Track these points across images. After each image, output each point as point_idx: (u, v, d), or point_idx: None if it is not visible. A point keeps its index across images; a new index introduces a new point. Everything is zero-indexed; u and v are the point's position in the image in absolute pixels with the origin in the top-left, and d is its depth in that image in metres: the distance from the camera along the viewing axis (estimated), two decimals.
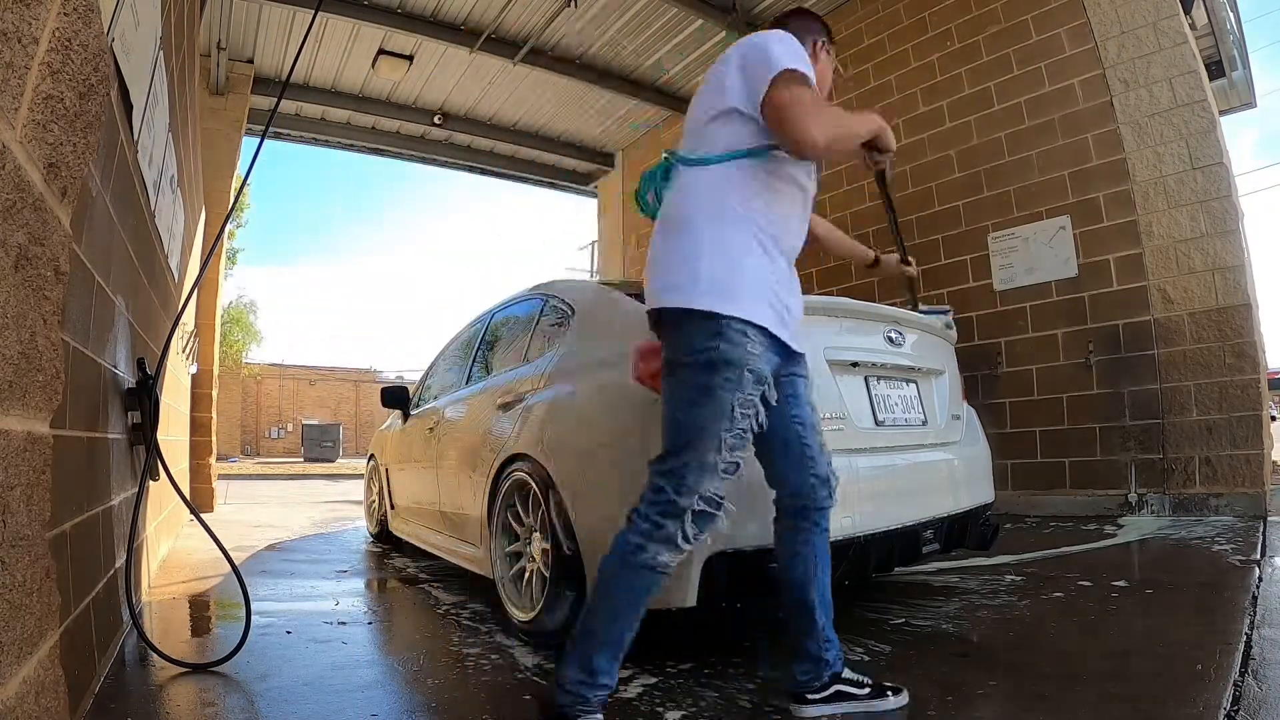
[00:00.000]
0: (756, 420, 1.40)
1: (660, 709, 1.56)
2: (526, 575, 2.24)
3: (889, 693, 1.49)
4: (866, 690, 1.48)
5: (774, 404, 1.46)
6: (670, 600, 1.72)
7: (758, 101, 1.40)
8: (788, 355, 1.50)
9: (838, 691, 1.47)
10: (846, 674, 1.50)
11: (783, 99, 1.35)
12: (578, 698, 1.32)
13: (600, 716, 1.33)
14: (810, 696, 1.47)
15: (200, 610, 2.70)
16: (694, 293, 1.37)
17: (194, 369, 5.46)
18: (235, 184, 6.08)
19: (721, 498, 1.37)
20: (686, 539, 1.34)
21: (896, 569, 2.01)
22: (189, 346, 4.64)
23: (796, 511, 1.52)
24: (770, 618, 1.80)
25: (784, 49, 1.43)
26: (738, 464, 1.38)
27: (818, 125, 1.33)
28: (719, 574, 1.71)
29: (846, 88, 5.96)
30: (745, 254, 1.40)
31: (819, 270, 6.02)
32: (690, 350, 1.37)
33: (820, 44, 1.68)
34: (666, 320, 1.44)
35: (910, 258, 2.24)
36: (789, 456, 1.52)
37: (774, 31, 1.53)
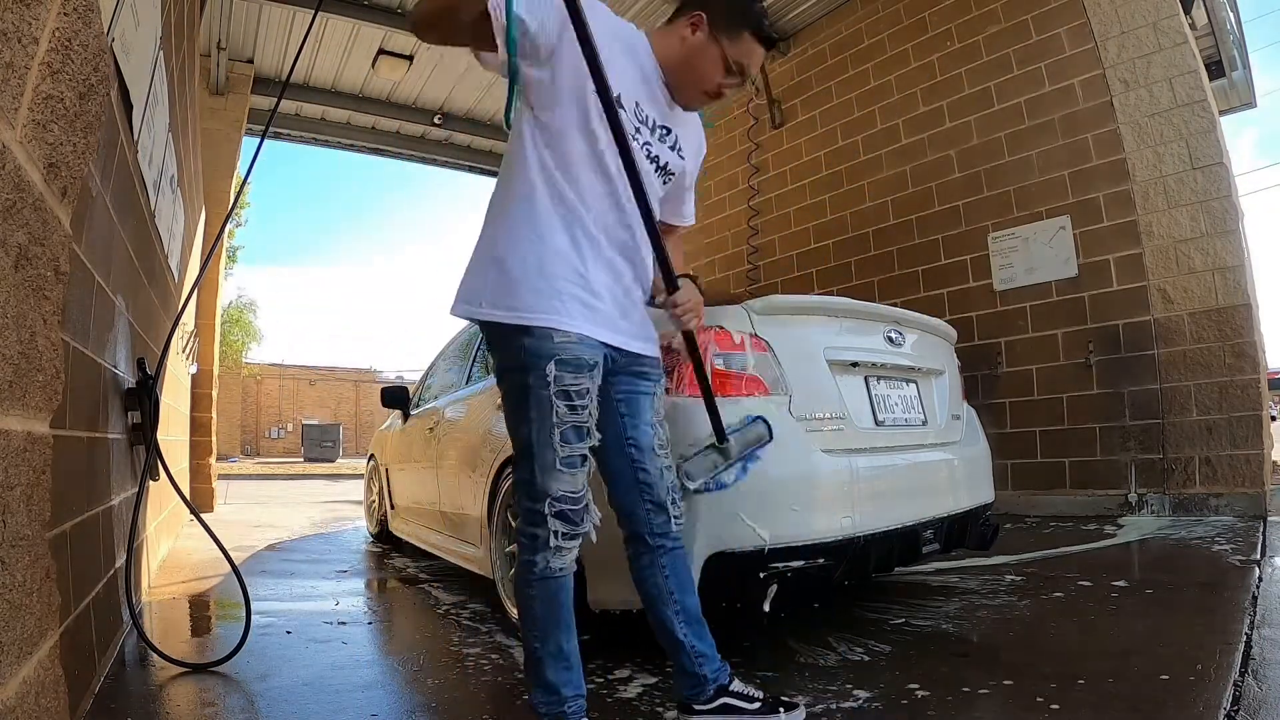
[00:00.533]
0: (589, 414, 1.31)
1: (660, 708, 1.56)
2: None
3: (782, 708, 1.41)
4: (756, 705, 1.41)
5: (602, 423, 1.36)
6: None
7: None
8: (624, 356, 1.40)
9: (724, 704, 1.42)
10: (735, 687, 1.44)
11: None
12: (555, 717, 1.31)
13: None
14: (697, 708, 1.43)
15: (200, 610, 2.70)
16: None
17: (194, 369, 5.46)
18: (235, 184, 6.09)
19: (576, 494, 1.30)
20: (560, 538, 1.29)
21: (896, 569, 2.01)
22: (189, 346, 4.64)
23: (635, 538, 1.46)
24: (769, 617, 1.80)
25: None
26: (581, 457, 1.31)
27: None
28: (716, 574, 1.71)
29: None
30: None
31: (819, 270, 6.02)
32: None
33: (702, 21, 1.47)
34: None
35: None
36: (621, 484, 1.45)
37: None
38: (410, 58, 6.48)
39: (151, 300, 2.48)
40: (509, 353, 1.31)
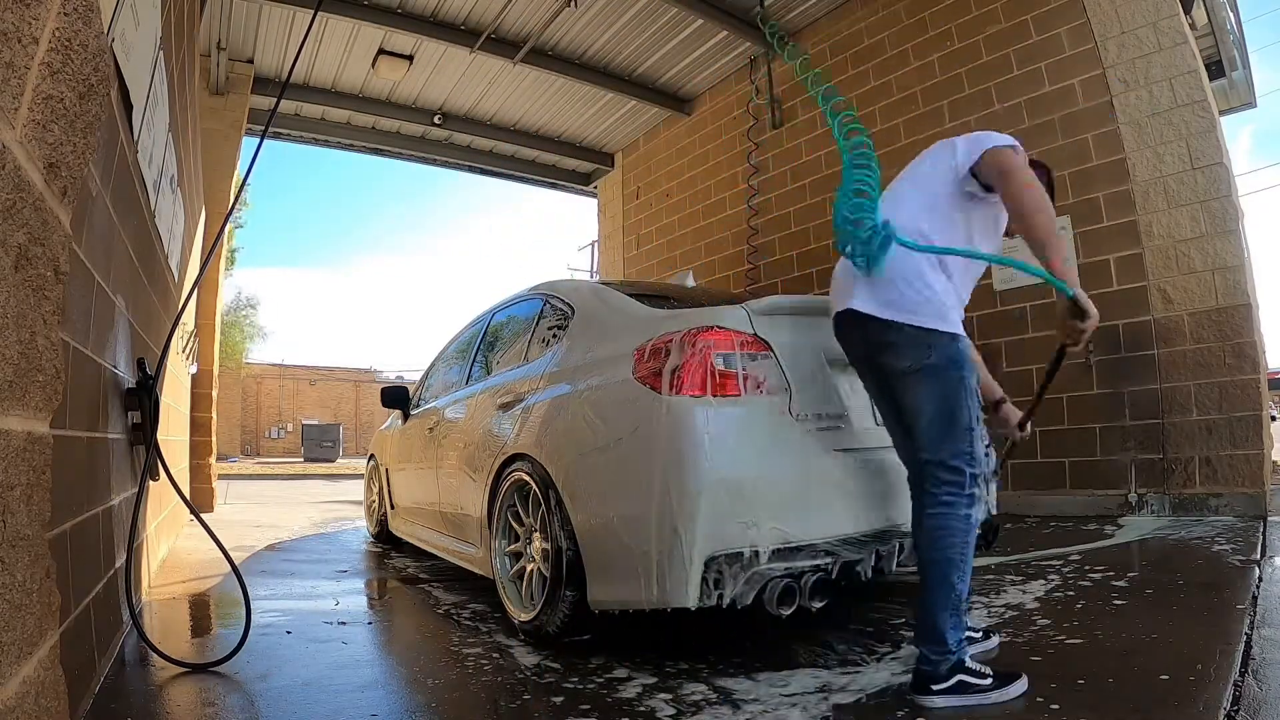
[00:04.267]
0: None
1: (659, 708, 1.56)
2: (527, 575, 2.24)
3: (1013, 681, 1.54)
4: (989, 680, 1.53)
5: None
6: (670, 600, 1.72)
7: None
8: None
9: (960, 681, 1.52)
10: (969, 664, 1.55)
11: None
12: (944, 659, 1.53)
13: (969, 653, 1.58)
14: (934, 687, 1.53)
15: (200, 610, 2.70)
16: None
17: (194, 369, 5.46)
18: (235, 184, 6.09)
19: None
20: (979, 495, 1.61)
21: (897, 569, 2.01)
22: (189, 346, 4.64)
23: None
24: (769, 617, 1.80)
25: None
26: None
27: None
28: (717, 574, 1.71)
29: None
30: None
31: (819, 270, 6.02)
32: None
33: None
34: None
35: (1029, 424, 2.05)
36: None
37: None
38: (410, 58, 6.49)
39: (151, 300, 2.48)
40: (943, 354, 1.61)
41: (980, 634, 1.86)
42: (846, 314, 1.74)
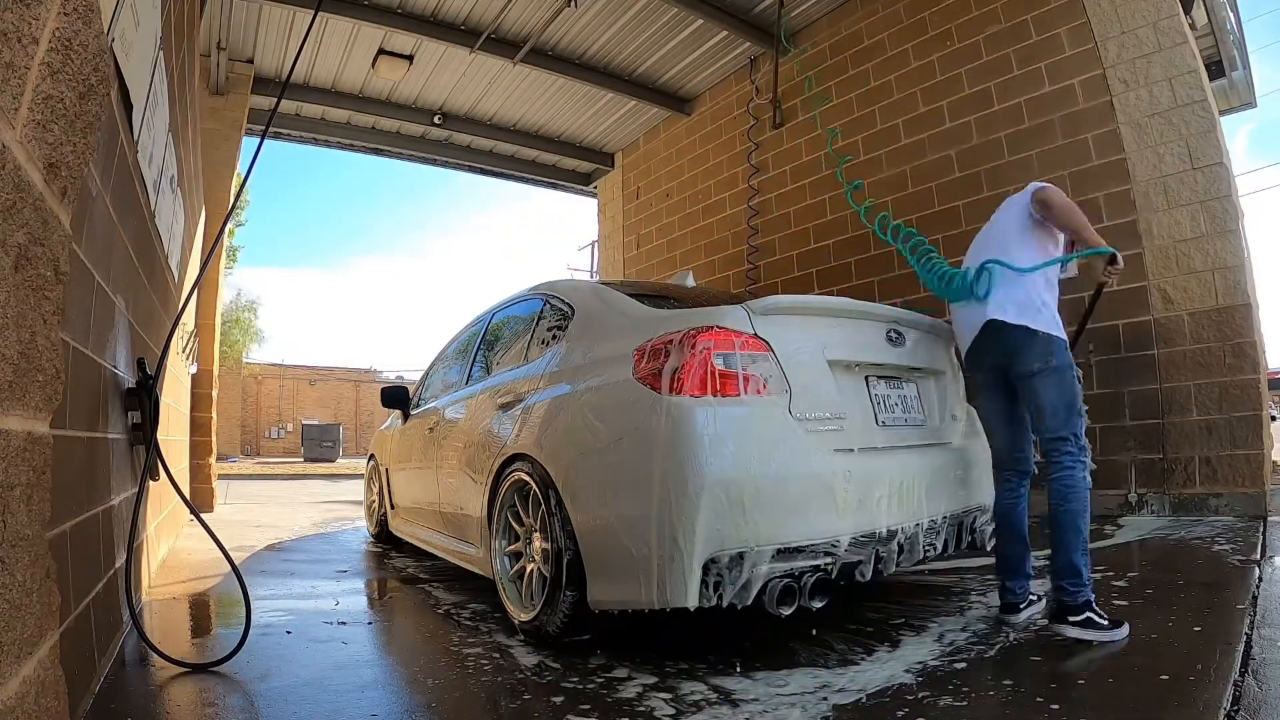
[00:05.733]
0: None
1: (659, 707, 1.56)
2: (527, 575, 2.24)
3: (1121, 626, 1.91)
4: (1108, 622, 1.91)
5: None
6: (670, 600, 1.72)
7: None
8: None
9: (1088, 618, 1.92)
10: (1095, 605, 1.95)
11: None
12: (1082, 590, 1.94)
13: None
14: (1070, 618, 1.93)
15: (200, 610, 2.70)
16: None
17: (194, 369, 5.46)
18: (235, 184, 6.08)
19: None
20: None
21: (896, 569, 2.01)
22: (189, 346, 4.64)
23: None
24: (768, 617, 1.80)
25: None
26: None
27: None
28: (717, 574, 1.71)
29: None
30: None
31: (819, 270, 6.02)
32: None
33: None
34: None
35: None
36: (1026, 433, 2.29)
37: None
38: (410, 58, 6.49)
39: (151, 300, 2.48)
40: (1062, 358, 2.12)
41: (1038, 596, 2.23)
42: (991, 324, 2.19)
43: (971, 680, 1.67)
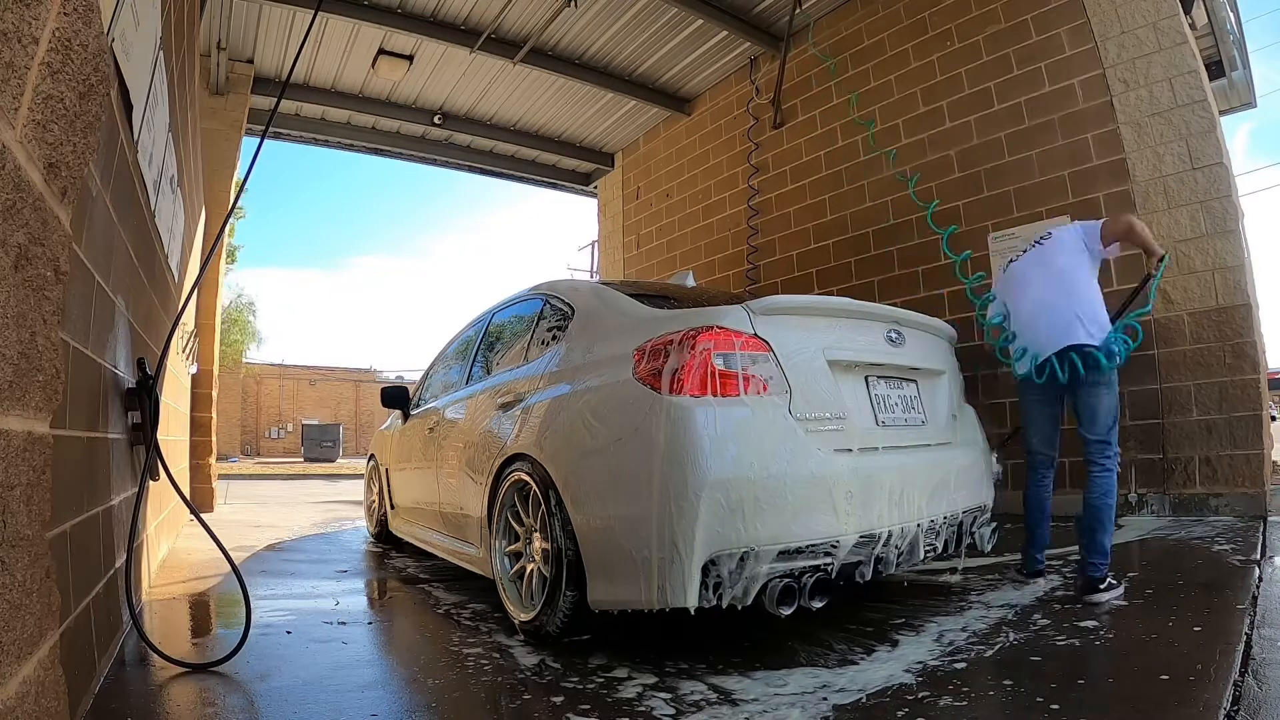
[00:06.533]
0: None
1: (658, 707, 1.56)
2: (527, 575, 2.24)
3: (1121, 584, 2.41)
4: (1119, 584, 2.40)
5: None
6: (669, 601, 1.72)
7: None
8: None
9: (1109, 584, 2.36)
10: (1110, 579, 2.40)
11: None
12: (1105, 566, 2.38)
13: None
14: (1100, 587, 2.33)
15: (200, 610, 2.70)
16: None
17: (194, 369, 5.46)
18: (235, 184, 6.08)
19: None
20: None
21: (897, 569, 2.01)
22: (189, 346, 4.64)
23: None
24: (768, 617, 1.80)
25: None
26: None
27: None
28: (717, 575, 1.71)
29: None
30: None
31: (819, 270, 6.02)
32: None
33: None
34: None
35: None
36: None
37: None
38: (410, 58, 6.49)
39: (151, 300, 2.48)
40: (1115, 373, 2.54)
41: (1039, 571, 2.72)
42: (1074, 345, 2.52)
43: (971, 680, 1.67)
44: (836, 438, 1.95)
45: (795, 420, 1.88)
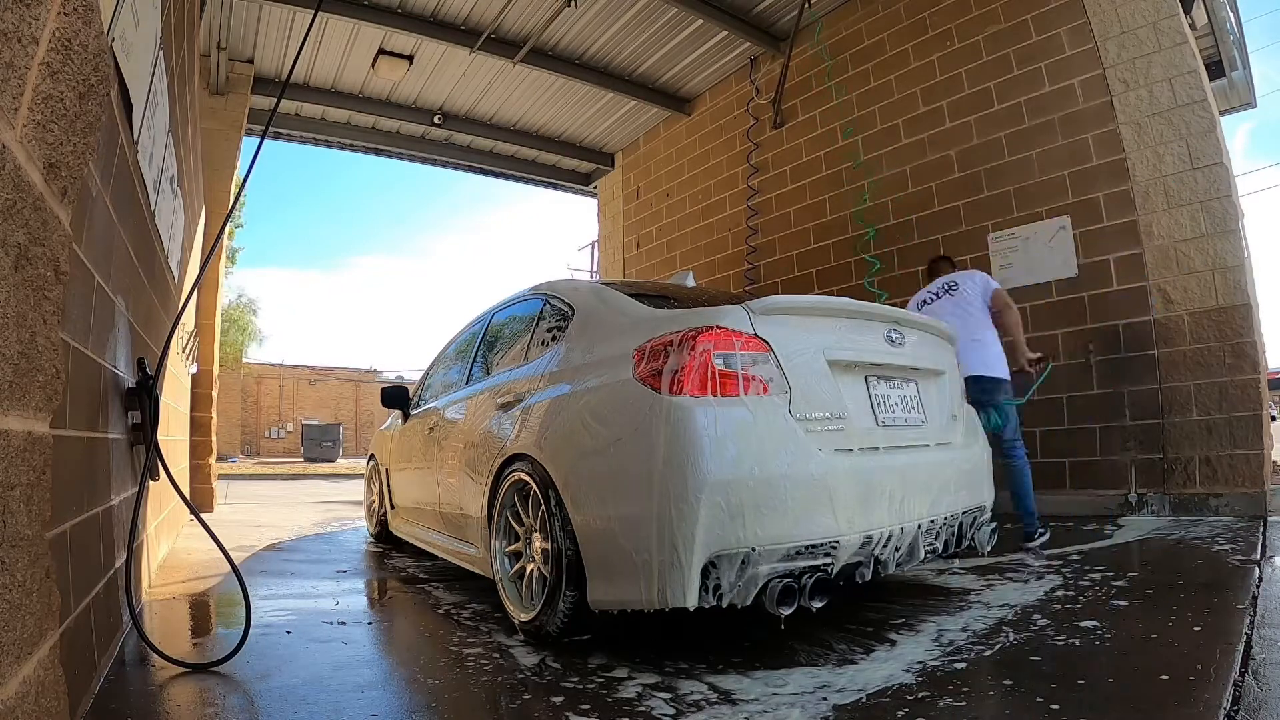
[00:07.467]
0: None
1: (658, 707, 1.56)
2: (527, 575, 2.24)
3: (1047, 533, 3.40)
4: (1045, 532, 3.38)
5: None
6: (669, 601, 1.72)
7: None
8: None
9: (1039, 534, 3.33)
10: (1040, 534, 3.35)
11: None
12: (1036, 523, 3.35)
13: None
14: (1034, 538, 3.30)
15: (200, 610, 2.70)
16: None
17: (194, 369, 5.46)
18: (235, 184, 6.09)
19: None
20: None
21: (897, 569, 2.01)
22: (189, 346, 4.64)
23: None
24: (768, 617, 1.80)
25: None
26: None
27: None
28: (717, 575, 1.71)
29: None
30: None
31: (819, 270, 6.02)
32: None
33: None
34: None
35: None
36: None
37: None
38: (410, 58, 6.49)
39: (151, 300, 2.48)
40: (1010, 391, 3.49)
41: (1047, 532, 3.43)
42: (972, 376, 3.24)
43: (971, 680, 1.67)
44: (837, 438, 1.95)
45: (795, 420, 1.87)
